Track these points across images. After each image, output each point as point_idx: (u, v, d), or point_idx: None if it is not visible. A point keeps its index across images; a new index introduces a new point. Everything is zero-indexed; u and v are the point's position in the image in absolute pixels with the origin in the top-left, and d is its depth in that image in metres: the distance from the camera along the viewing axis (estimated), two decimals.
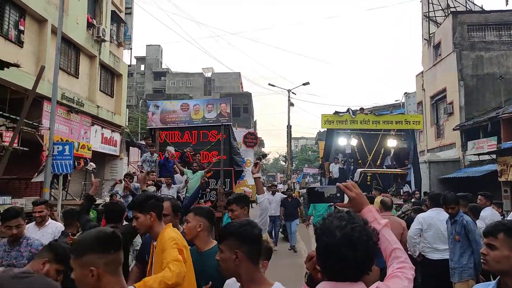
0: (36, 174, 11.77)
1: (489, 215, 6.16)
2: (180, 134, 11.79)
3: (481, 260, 1.95)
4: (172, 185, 9.07)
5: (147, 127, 13.27)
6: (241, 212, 3.43)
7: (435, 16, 23.57)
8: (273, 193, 11.02)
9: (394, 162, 16.49)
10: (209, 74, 57.52)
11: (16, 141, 9.29)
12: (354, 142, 16.40)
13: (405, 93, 32.86)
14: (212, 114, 11.85)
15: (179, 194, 8.94)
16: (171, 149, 10.55)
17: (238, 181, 15.56)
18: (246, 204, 3.61)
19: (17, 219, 3.49)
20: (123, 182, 8.43)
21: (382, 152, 16.46)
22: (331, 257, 1.42)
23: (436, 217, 5.14)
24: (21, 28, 12.80)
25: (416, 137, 18.83)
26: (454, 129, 18.71)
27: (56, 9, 13.78)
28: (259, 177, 3.91)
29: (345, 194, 1.76)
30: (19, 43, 12.67)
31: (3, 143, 9.99)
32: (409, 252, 5.46)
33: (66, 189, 13.24)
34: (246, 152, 17.79)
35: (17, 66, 10.87)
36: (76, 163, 13.47)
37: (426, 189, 16.15)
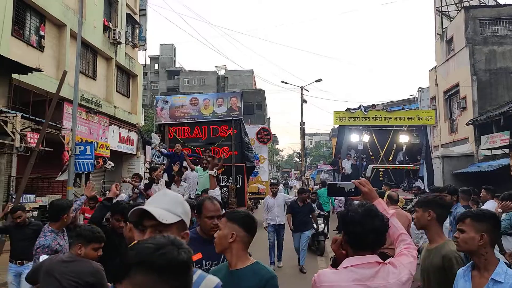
0: (60, 173, 12.30)
1: (490, 208, 6.35)
2: (190, 129, 11.45)
3: (454, 242, 2.30)
4: (182, 183, 8.72)
5: (156, 123, 13.00)
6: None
7: (448, 11, 23.41)
8: (274, 195, 8.49)
9: (407, 158, 16.59)
10: (222, 72, 57.90)
11: (41, 142, 9.74)
12: (366, 138, 16.55)
13: (419, 88, 32.71)
14: (223, 109, 11.48)
15: (190, 193, 8.63)
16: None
17: (251, 177, 15.83)
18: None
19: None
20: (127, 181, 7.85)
21: (394, 148, 16.57)
22: (356, 227, 1.80)
23: None
24: (42, 33, 13.34)
25: (429, 132, 18.87)
26: (467, 124, 18.67)
27: (74, 14, 14.32)
28: (213, 175, 4.20)
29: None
30: (40, 48, 13.21)
31: (29, 144, 10.52)
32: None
33: None
34: (260, 148, 17.89)
35: (39, 70, 11.42)
36: (95, 162, 14.00)
37: (440, 184, 16.22)
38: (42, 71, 11.89)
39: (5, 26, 11.21)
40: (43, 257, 3.15)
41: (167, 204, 1.59)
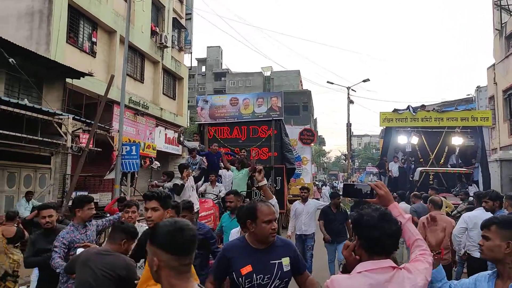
0: (108, 172, 12.91)
1: None
2: (229, 129, 11.30)
3: (478, 250, 2.16)
4: (217, 184, 8.61)
5: (196, 122, 13.01)
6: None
7: (507, 4, 21.79)
8: (304, 200, 7.37)
9: (460, 161, 15.59)
10: (268, 73, 58.02)
11: (91, 142, 10.26)
12: (415, 140, 15.78)
13: (477, 87, 30.77)
14: (263, 109, 11.31)
15: (220, 194, 8.43)
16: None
17: (292, 179, 15.65)
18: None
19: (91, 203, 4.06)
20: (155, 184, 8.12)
21: (446, 151, 15.64)
22: (373, 232, 1.77)
23: (480, 216, 5.02)
24: (94, 39, 14.09)
25: (486, 134, 17.63)
26: None
27: (124, 21, 14.96)
28: (265, 184, 3.59)
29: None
30: (92, 53, 13.95)
31: (80, 144, 11.13)
32: (454, 249, 5.46)
33: (134, 186, 14.29)
34: (303, 149, 17.55)
35: (90, 75, 12.05)
36: (142, 162, 14.54)
37: (498, 190, 15.11)
38: (93, 75, 12.54)
39: (60, 34, 11.96)
40: (79, 250, 3.29)
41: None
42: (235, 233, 3.87)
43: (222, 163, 9.47)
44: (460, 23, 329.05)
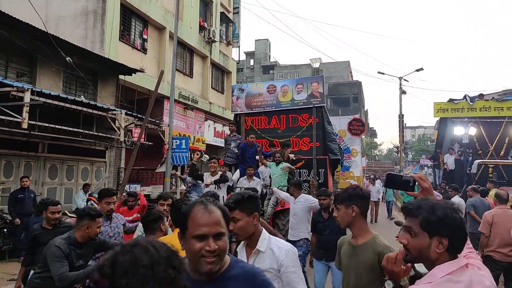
0: (159, 165, 13.37)
1: None
2: (267, 119, 10.51)
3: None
4: (254, 178, 7.84)
5: (231, 112, 12.18)
6: (248, 221, 2.20)
7: None
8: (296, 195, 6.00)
9: None
10: (317, 65, 57.06)
11: (143, 136, 10.65)
12: (472, 131, 14.79)
13: None
14: (302, 95, 10.34)
15: (263, 189, 7.83)
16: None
17: (341, 172, 15.25)
18: (255, 208, 2.25)
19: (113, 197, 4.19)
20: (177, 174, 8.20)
21: (506, 142, 14.51)
22: (462, 230, 1.60)
23: None
24: (145, 36, 14.58)
25: None
26: None
27: (173, 17, 15.32)
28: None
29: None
30: (143, 50, 14.45)
31: (132, 138, 11.61)
32: None
33: None
34: (352, 141, 16.68)
35: (141, 71, 12.50)
36: (192, 155, 14.91)
37: None
38: (144, 72, 13.00)
39: (113, 32, 12.49)
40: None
41: None
42: None
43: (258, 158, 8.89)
44: None
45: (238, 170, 8.94)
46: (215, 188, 6.95)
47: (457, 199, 7.85)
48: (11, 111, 7.07)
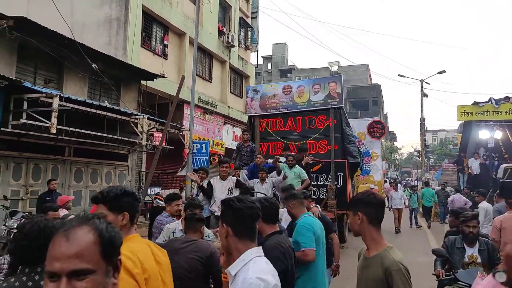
0: (180, 168, 13.51)
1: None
2: (283, 121, 10.10)
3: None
4: (266, 180, 7.44)
5: (245, 114, 11.58)
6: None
7: None
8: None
9: None
10: (335, 68, 56.71)
11: (164, 140, 10.81)
12: (498, 134, 14.45)
13: None
14: (319, 96, 9.94)
15: (275, 192, 7.29)
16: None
17: (361, 176, 15.06)
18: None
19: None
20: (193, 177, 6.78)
21: None
22: None
23: None
24: (165, 42, 14.82)
25: None
26: None
27: (193, 23, 15.55)
28: None
29: None
30: (164, 56, 14.68)
31: (154, 142, 11.78)
32: None
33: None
34: (372, 144, 16.32)
35: (162, 76, 12.69)
36: (211, 159, 15.02)
37: None
38: (165, 77, 13.20)
39: (135, 39, 12.74)
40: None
41: None
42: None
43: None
44: None
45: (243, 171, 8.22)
46: (227, 194, 6.43)
47: (485, 205, 7.66)
48: (40, 116, 7.30)
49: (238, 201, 1.85)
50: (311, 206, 4.13)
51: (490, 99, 14.59)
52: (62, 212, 5.59)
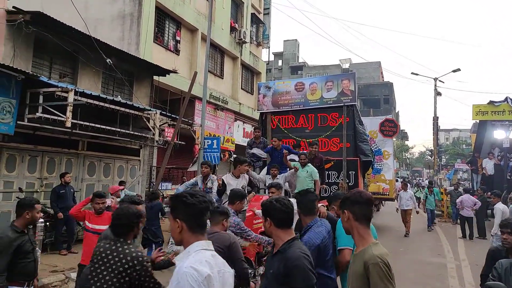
0: (191, 164, 13.57)
1: None
2: (295, 118, 10.06)
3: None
4: (278, 176, 7.30)
5: (257, 111, 11.71)
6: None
7: None
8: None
9: None
10: (346, 65, 56.29)
11: (176, 136, 10.85)
12: None
13: None
14: (332, 93, 9.83)
15: (286, 188, 7.21)
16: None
17: (372, 175, 14.94)
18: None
19: None
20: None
21: None
22: None
23: None
24: (178, 38, 14.85)
25: None
26: None
27: (205, 19, 15.56)
28: None
29: None
30: (176, 51, 14.72)
31: (166, 137, 11.83)
32: None
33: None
34: (383, 142, 16.22)
35: (175, 72, 12.72)
36: (221, 155, 15.05)
37: None
38: (177, 73, 13.22)
39: (148, 34, 12.79)
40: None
41: None
42: None
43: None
44: None
45: (266, 168, 8.37)
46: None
47: (501, 206, 7.55)
48: (55, 110, 7.37)
49: (191, 197, 1.88)
50: (318, 205, 4.10)
51: (506, 99, 14.35)
52: (109, 201, 5.99)
